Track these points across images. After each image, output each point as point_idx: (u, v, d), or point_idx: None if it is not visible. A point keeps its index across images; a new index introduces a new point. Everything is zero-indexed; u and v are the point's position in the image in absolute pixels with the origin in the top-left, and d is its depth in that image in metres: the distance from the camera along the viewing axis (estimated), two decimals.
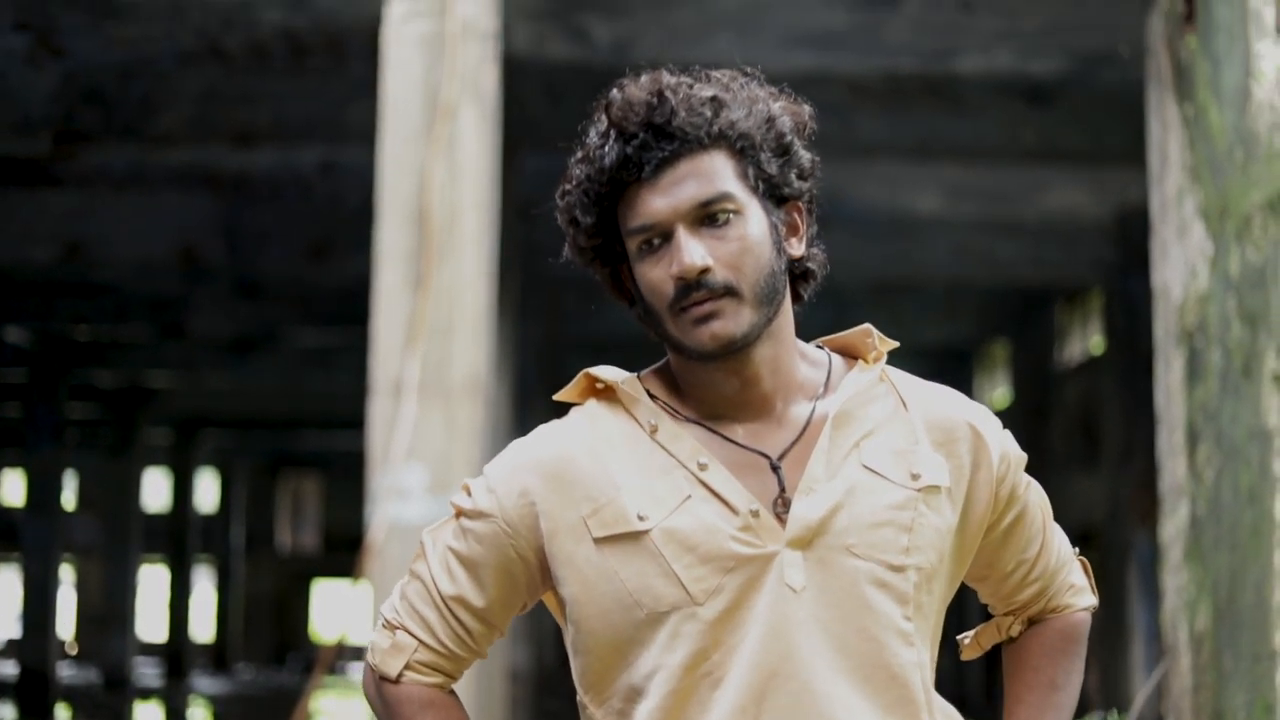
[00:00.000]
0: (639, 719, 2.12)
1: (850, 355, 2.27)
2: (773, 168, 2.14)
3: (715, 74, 2.17)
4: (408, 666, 2.23)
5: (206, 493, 33.64)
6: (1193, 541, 6.92)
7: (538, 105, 10.38)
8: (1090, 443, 16.59)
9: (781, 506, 2.11)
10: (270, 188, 12.32)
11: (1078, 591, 2.40)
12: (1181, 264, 7.20)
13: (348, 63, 9.71)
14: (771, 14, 9.46)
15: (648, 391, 2.20)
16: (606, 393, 2.22)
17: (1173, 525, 7.14)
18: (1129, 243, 13.04)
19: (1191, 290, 7.07)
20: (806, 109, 2.21)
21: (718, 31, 9.70)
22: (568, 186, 2.17)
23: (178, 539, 29.30)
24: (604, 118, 2.14)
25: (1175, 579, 7.13)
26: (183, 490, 29.06)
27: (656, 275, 2.11)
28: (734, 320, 2.09)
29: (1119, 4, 8.56)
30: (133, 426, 23.79)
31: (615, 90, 2.15)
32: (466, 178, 6.94)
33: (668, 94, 2.11)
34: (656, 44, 9.94)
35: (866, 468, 2.14)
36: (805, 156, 2.19)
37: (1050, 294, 16.67)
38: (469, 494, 2.21)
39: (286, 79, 9.92)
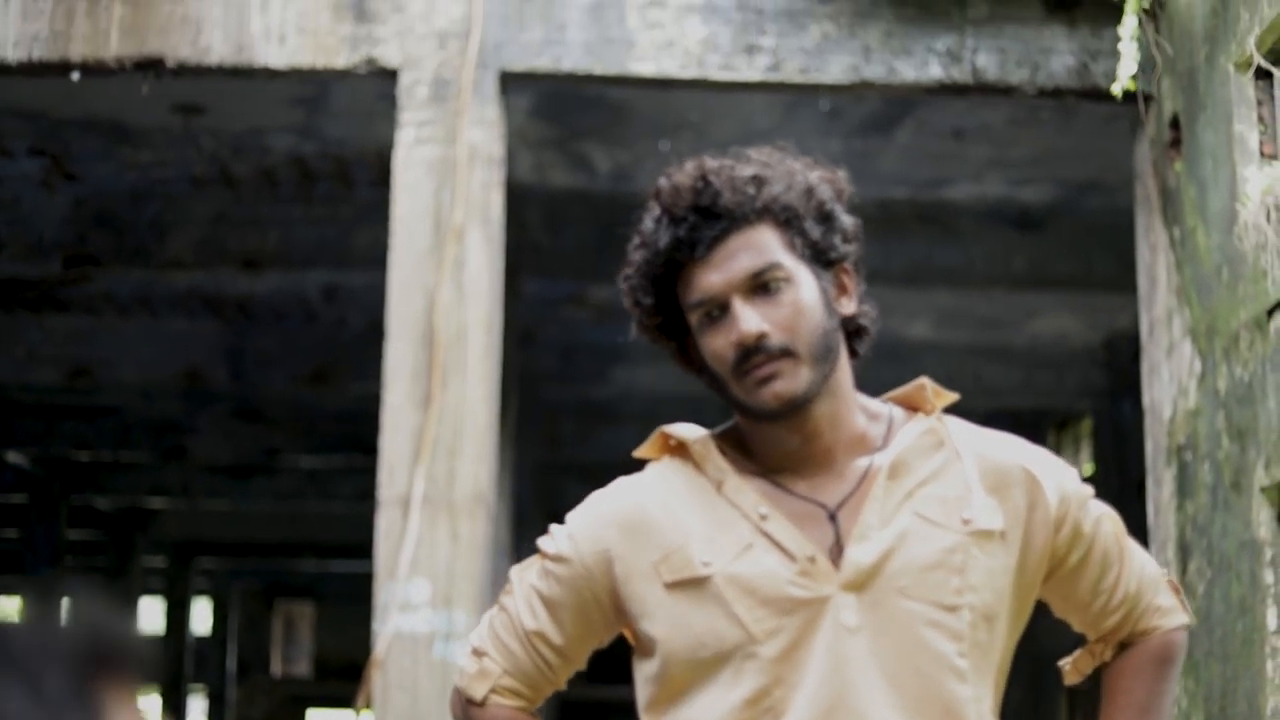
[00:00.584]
0: None
1: (911, 408, 2.44)
2: (816, 234, 2.35)
3: (753, 153, 2.42)
4: (492, 690, 2.43)
5: (201, 618, 33.55)
6: (1185, 653, 7.01)
7: (538, 232, 10.58)
8: None
9: (837, 553, 2.28)
10: (274, 312, 12.49)
11: (1165, 613, 2.52)
12: (1171, 382, 7.37)
13: (354, 188, 9.92)
14: (767, 143, 9.65)
15: (717, 448, 2.39)
16: (680, 450, 2.42)
17: None
18: (1118, 368, 13.21)
19: (1181, 407, 7.23)
20: (842, 175, 2.44)
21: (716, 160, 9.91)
22: (629, 271, 2.38)
23: (172, 666, 29.20)
24: (655, 205, 2.36)
25: None
26: (177, 616, 29.00)
27: (719, 344, 2.32)
28: (793, 380, 2.29)
29: (1107, 132, 8.79)
30: (130, 551, 23.79)
31: (663, 179, 2.38)
32: (473, 298, 7.12)
33: (710, 177, 2.35)
34: (656, 172, 10.05)
35: (919, 515, 2.30)
36: (847, 220, 2.41)
37: (1042, 419, 16.81)
38: (552, 539, 2.41)
39: (294, 204, 10.12)
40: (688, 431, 2.44)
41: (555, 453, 16.31)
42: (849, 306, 2.41)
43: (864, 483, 2.34)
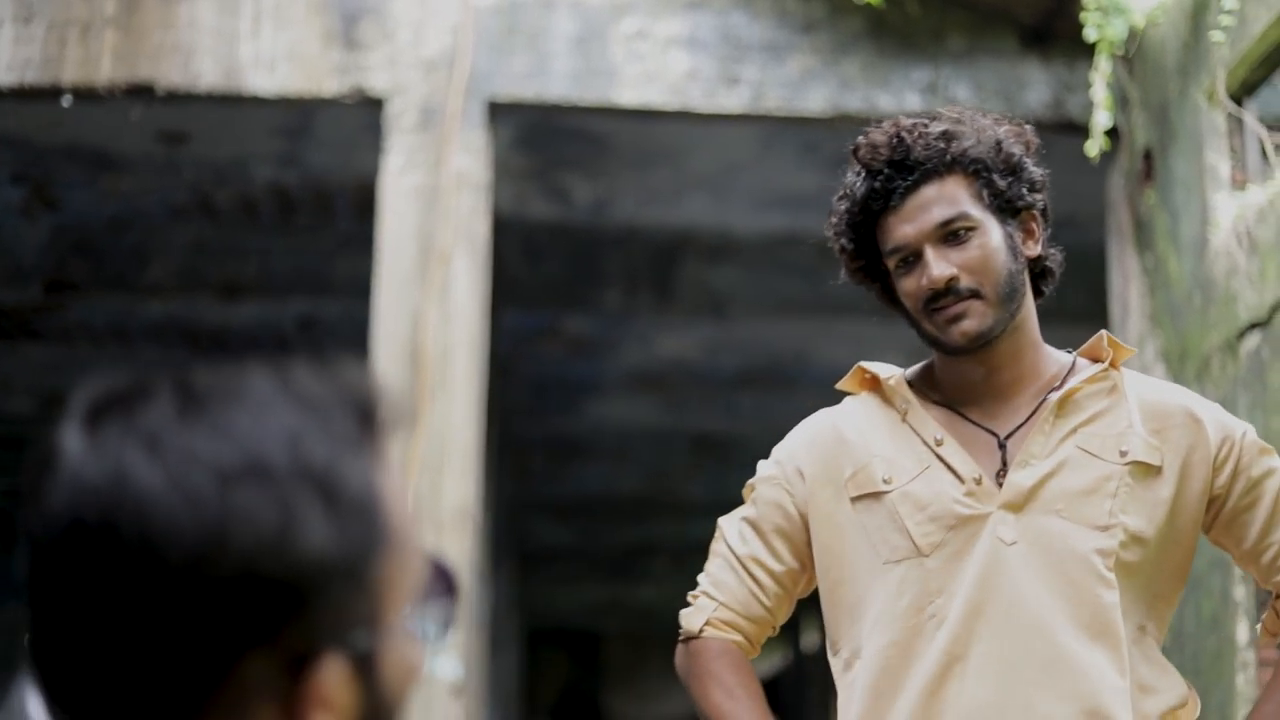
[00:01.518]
0: (866, 658, 2.53)
1: (1094, 359, 2.66)
2: (1003, 184, 2.55)
3: (945, 111, 2.59)
4: (707, 623, 2.64)
5: None
6: None
7: (517, 263, 10.68)
8: None
9: (1002, 476, 2.52)
10: (249, 343, 12.54)
11: None
12: None
13: (335, 219, 10.01)
14: (745, 177, 9.80)
15: (906, 382, 2.63)
16: (873, 384, 2.67)
17: None
18: None
19: None
20: (1029, 129, 2.63)
21: (693, 192, 10.04)
22: (833, 220, 2.64)
23: None
24: (854, 160, 2.58)
25: None
26: None
27: (911, 286, 2.56)
28: (980, 319, 2.52)
29: (1080, 167, 8.95)
30: None
31: (861, 137, 2.59)
32: (459, 320, 7.23)
33: (904, 134, 2.54)
34: (634, 204, 10.27)
35: (1080, 448, 2.54)
36: (1034, 171, 2.61)
37: None
38: (760, 468, 2.67)
39: (274, 234, 10.20)
40: (881, 369, 2.68)
41: (525, 488, 16.37)
42: (1034, 249, 2.62)
43: (1035, 416, 2.57)
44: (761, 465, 2.71)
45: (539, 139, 9.17)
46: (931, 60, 7.85)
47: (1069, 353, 2.68)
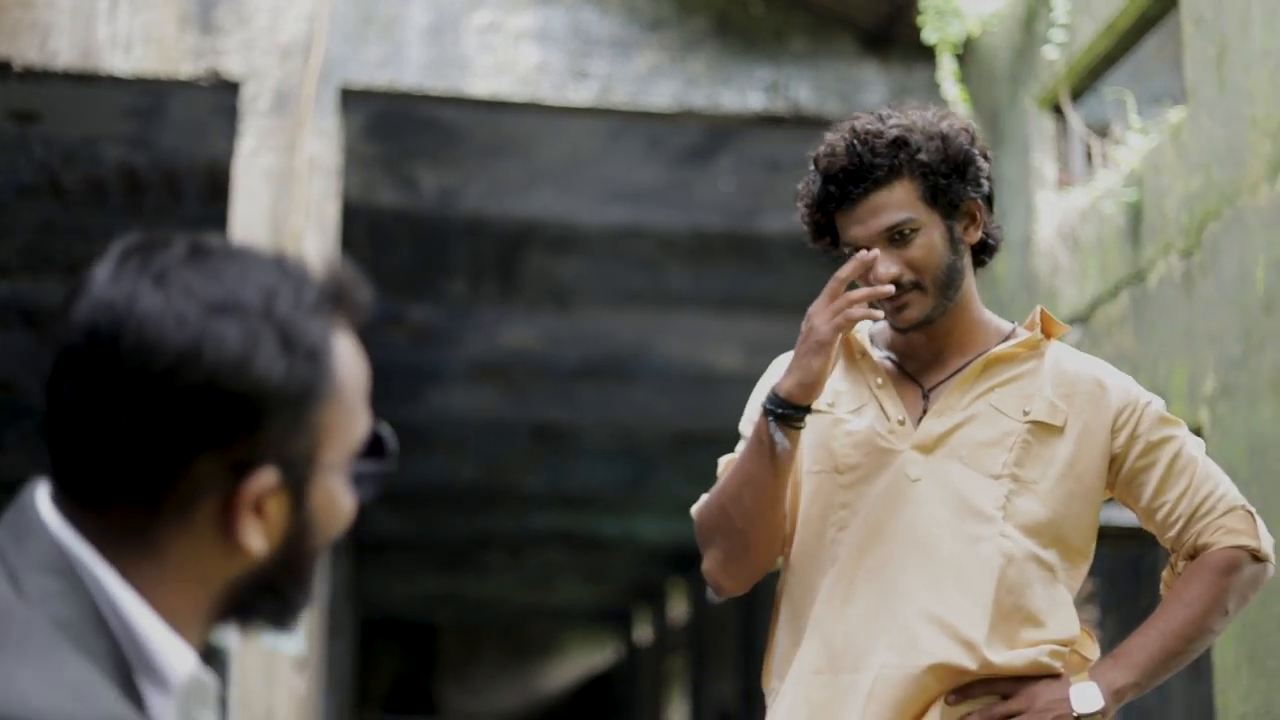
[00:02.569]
0: (791, 559, 2.95)
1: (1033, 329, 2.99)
2: (947, 184, 2.84)
3: (897, 113, 2.89)
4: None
5: None
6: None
7: (364, 251, 10.79)
8: None
9: (919, 422, 2.90)
10: None
11: (1230, 532, 2.93)
12: None
13: (183, 202, 10.07)
14: (590, 170, 10.01)
15: (870, 336, 3.00)
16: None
17: None
18: None
19: None
20: (972, 123, 2.95)
21: (540, 185, 10.23)
22: (799, 204, 2.95)
23: None
24: (818, 155, 2.88)
25: None
26: None
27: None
28: (920, 308, 2.86)
29: None
30: None
31: (824, 140, 2.88)
32: None
33: (857, 142, 2.82)
34: (481, 194, 10.44)
35: (991, 405, 2.89)
36: (979, 164, 2.90)
37: None
38: (749, 409, 3.03)
39: (122, 216, 10.23)
40: (865, 323, 2.98)
41: None
42: (975, 235, 2.94)
43: (960, 374, 2.92)
44: (752, 403, 3.03)
45: (389, 128, 9.32)
46: (774, 60, 8.11)
47: (1012, 324, 3.02)
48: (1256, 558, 2.94)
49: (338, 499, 1.44)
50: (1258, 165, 5.52)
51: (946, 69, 7.48)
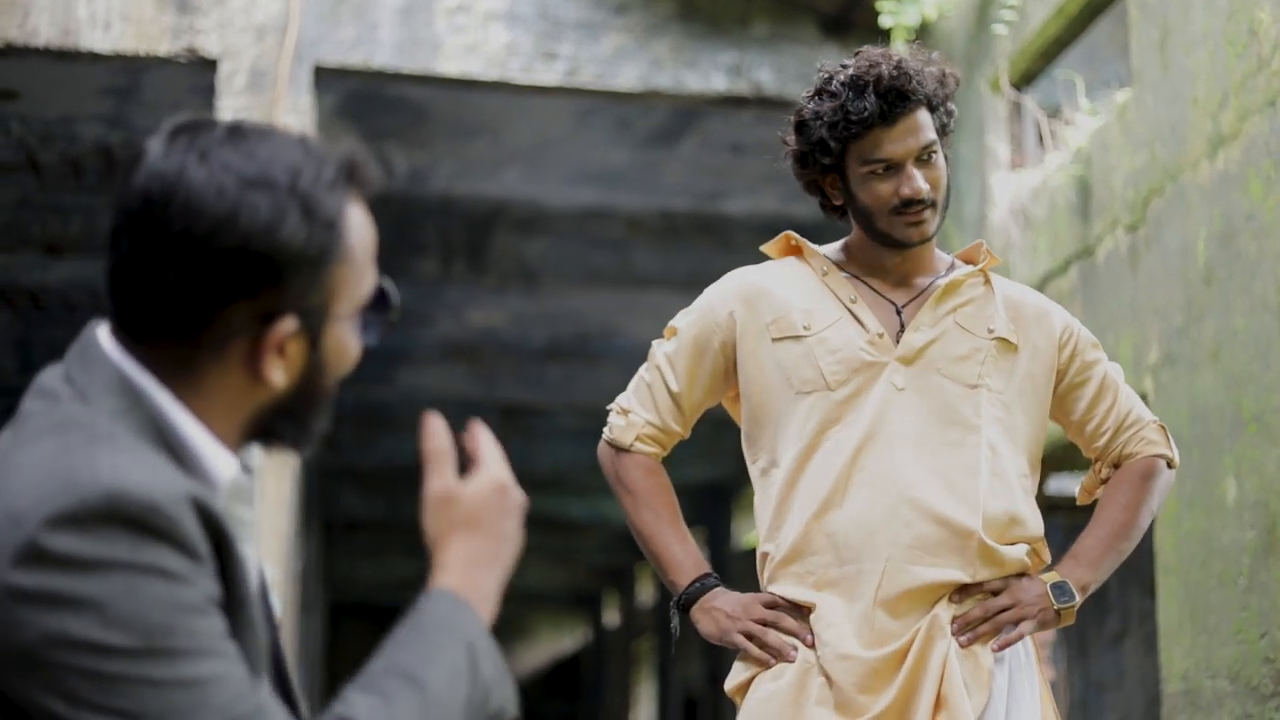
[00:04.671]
0: (781, 467, 3.19)
1: (968, 261, 3.33)
2: (946, 118, 3.18)
3: (904, 52, 3.21)
4: (636, 438, 3.29)
5: None
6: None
7: None
8: None
9: (898, 336, 3.20)
10: (65, 304, 12.62)
11: (1150, 443, 3.36)
12: None
13: None
14: (559, 151, 10.20)
15: (823, 255, 3.26)
16: (796, 251, 3.30)
17: None
18: None
19: None
20: (951, 66, 3.27)
21: (509, 166, 10.42)
22: (822, 118, 3.15)
23: None
24: (853, 76, 3.13)
25: None
26: None
27: (886, 191, 3.14)
28: (931, 224, 3.18)
29: None
30: None
31: (856, 57, 3.18)
32: None
33: (901, 69, 3.11)
34: (451, 175, 10.63)
35: (957, 323, 3.20)
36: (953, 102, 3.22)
37: None
38: (685, 313, 3.29)
39: (98, 194, 10.38)
40: (804, 241, 3.31)
41: (334, 457, 16.52)
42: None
43: (924, 294, 3.24)
44: (685, 313, 3.31)
45: (361, 108, 9.50)
46: (737, 44, 8.33)
47: (950, 256, 3.35)
48: (1170, 465, 3.38)
49: (346, 343, 1.74)
50: (1199, 142, 5.74)
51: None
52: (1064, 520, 6.98)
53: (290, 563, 7.88)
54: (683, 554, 3.29)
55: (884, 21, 7.69)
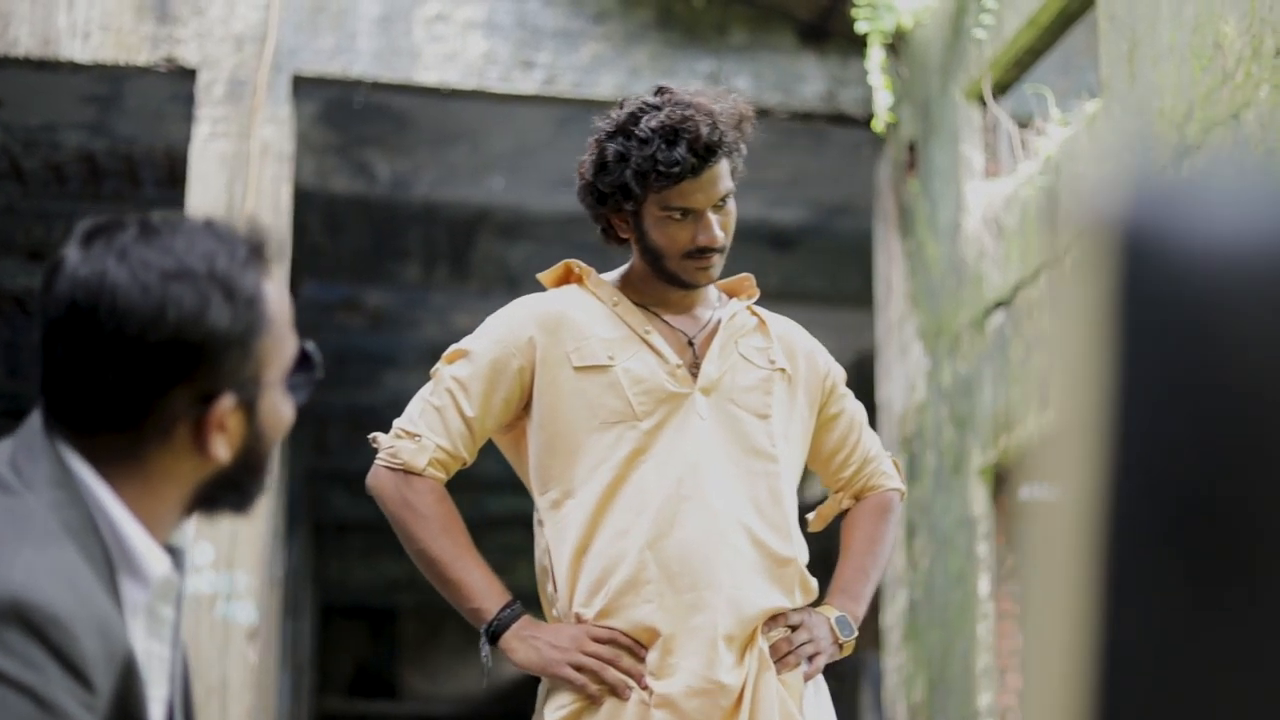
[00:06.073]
0: (579, 499, 3.16)
1: (731, 293, 3.40)
2: (740, 159, 3.21)
3: (707, 94, 3.21)
4: (429, 463, 3.18)
5: None
6: (910, 623, 7.73)
7: (318, 235, 11.01)
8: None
9: (694, 367, 3.24)
10: None
11: (887, 477, 3.53)
12: (903, 380, 8.10)
13: (141, 187, 10.28)
14: (539, 158, 10.24)
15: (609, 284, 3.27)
16: (578, 280, 3.30)
17: (892, 612, 7.95)
18: (866, 384, 13.94)
19: (911, 402, 7.96)
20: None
21: (491, 172, 10.46)
22: (628, 163, 3.15)
23: None
24: (666, 125, 3.13)
25: (894, 660, 7.92)
26: None
27: (682, 236, 3.16)
28: (718, 269, 3.23)
29: (854, 157, 9.51)
30: None
31: (664, 98, 3.19)
32: None
33: (718, 119, 3.13)
34: (434, 181, 10.67)
35: (742, 355, 3.27)
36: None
37: None
38: (476, 336, 3.22)
39: (81, 200, 10.43)
40: (589, 270, 3.31)
41: (323, 460, 16.55)
42: None
43: (708, 327, 3.29)
44: (482, 333, 3.24)
45: (342, 115, 9.53)
46: (715, 52, 8.36)
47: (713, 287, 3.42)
48: (902, 497, 3.57)
49: (280, 408, 1.84)
50: (1164, 153, 5.78)
51: (875, 59, 7.74)
52: None
53: (270, 569, 7.92)
54: (484, 581, 3.22)
55: (860, 29, 7.73)
